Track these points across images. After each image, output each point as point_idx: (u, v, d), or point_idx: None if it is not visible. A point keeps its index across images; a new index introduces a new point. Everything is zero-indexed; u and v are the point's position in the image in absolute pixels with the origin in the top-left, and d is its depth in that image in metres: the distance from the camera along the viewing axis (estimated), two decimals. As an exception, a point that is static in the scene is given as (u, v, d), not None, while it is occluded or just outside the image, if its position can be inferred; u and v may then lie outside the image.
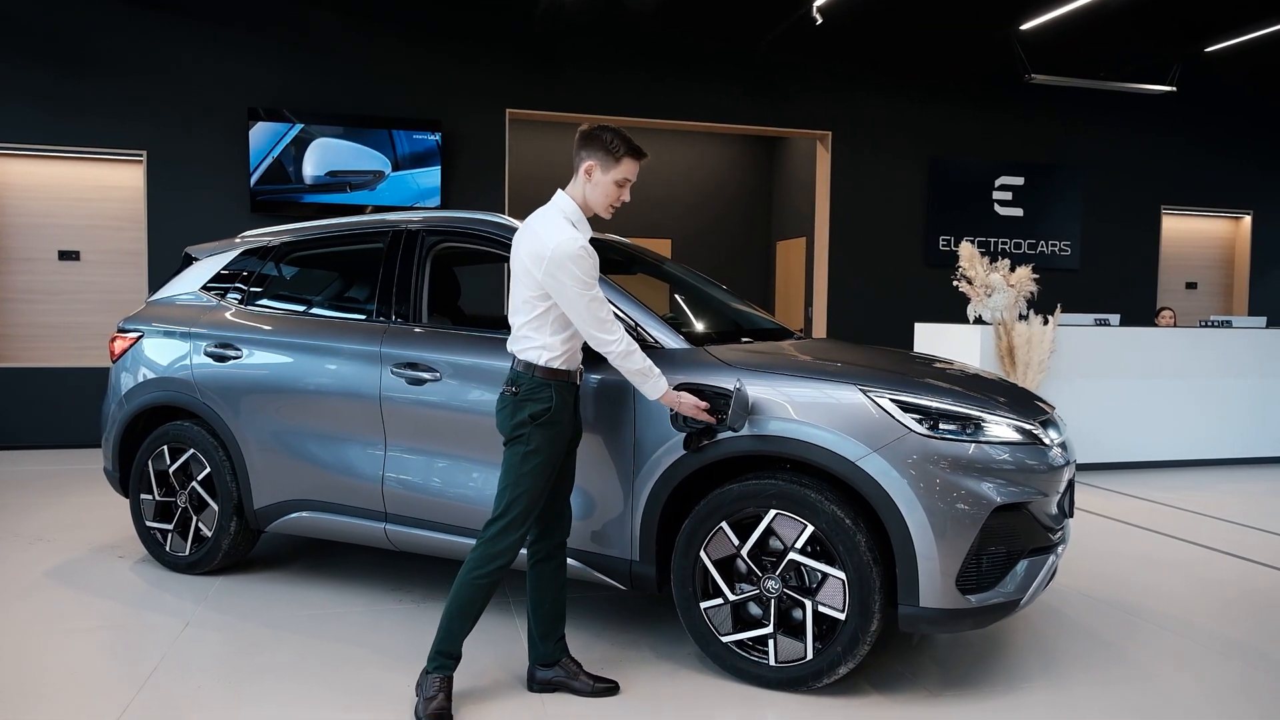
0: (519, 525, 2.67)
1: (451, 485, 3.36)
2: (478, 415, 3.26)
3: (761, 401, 2.90)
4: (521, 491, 2.65)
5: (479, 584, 2.66)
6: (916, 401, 2.84)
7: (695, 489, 3.09)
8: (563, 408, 2.70)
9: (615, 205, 2.73)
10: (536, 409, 2.66)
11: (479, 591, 2.67)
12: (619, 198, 2.72)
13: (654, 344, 3.15)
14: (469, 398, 3.32)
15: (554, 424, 2.68)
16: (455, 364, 3.36)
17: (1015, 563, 2.89)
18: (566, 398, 2.72)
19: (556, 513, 2.87)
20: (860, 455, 2.76)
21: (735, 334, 3.67)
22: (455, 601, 2.68)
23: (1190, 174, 10.47)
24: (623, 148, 2.68)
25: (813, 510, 2.80)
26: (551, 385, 2.68)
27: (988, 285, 6.87)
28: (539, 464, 2.66)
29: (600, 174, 2.68)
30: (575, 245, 2.55)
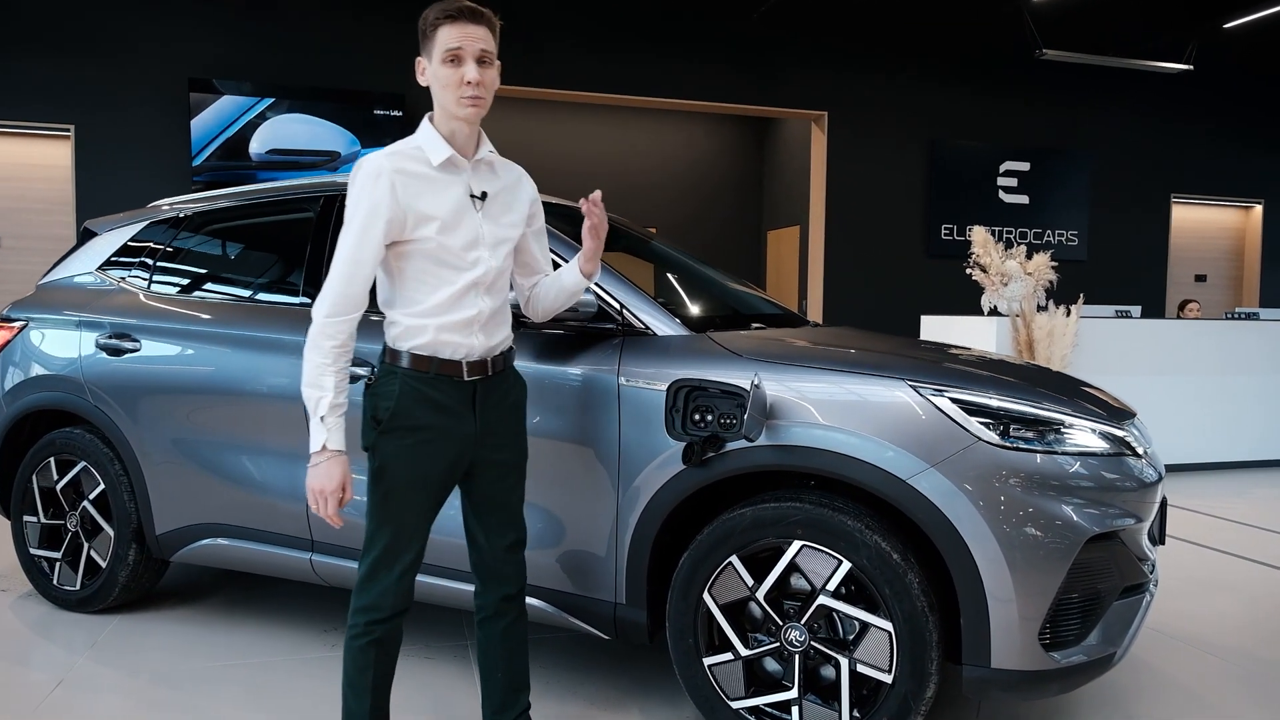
0: (384, 568, 1.95)
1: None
2: None
3: (782, 402, 2.26)
4: (378, 525, 1.95)
5: (356, 647, 1.97)
6: (984, 402, 2.21)
7: (697, 513, 2.45)
8: (419, 410, 1.93)
9: (470, 98, 1.91)
10: (379, 409, 1.95)
11: (360, 658, 1.97)
12: (462, 80, 1.90)
13: (644, 330, 2.50)
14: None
15: (405, 432, 1.93)
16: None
17: (1106, 607, 2.26)
18: (429, 397, 1.94)
19: (491, 558, 2.15)
20: (913, 471, 2.13)
21: (741, 320, 3.02)
22: (344, 674, 2.01)
23: (1201, 161, 9.97)
24: (432, 14, 1.91)
25: (850, 542, 2.17)
26: (396, 376, 1.95)
27: (1003, 273, 6.28)
28: (392, 489, 1.94)
29: (430, 65, 1.94)
30: (367, 163, 1.91)
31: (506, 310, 2.10)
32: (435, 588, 2.66)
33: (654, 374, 2.39)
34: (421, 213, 1.90)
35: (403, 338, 1.96)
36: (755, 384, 2.19)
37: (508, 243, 2.06)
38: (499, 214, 2.04)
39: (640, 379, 2.40)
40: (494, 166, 2.08)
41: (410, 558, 1.97)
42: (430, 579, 2.64)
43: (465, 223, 1.96)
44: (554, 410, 2.49)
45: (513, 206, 2.09)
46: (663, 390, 2.36)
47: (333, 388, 1.86)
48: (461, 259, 1.94)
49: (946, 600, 2.19)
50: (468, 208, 1.97)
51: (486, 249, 1.99)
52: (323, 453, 1.86)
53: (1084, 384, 2.73)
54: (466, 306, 1.96)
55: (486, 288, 2.00)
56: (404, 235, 1.90)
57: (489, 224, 2.01)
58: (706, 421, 2.30)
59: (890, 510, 2.25)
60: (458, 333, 1.96)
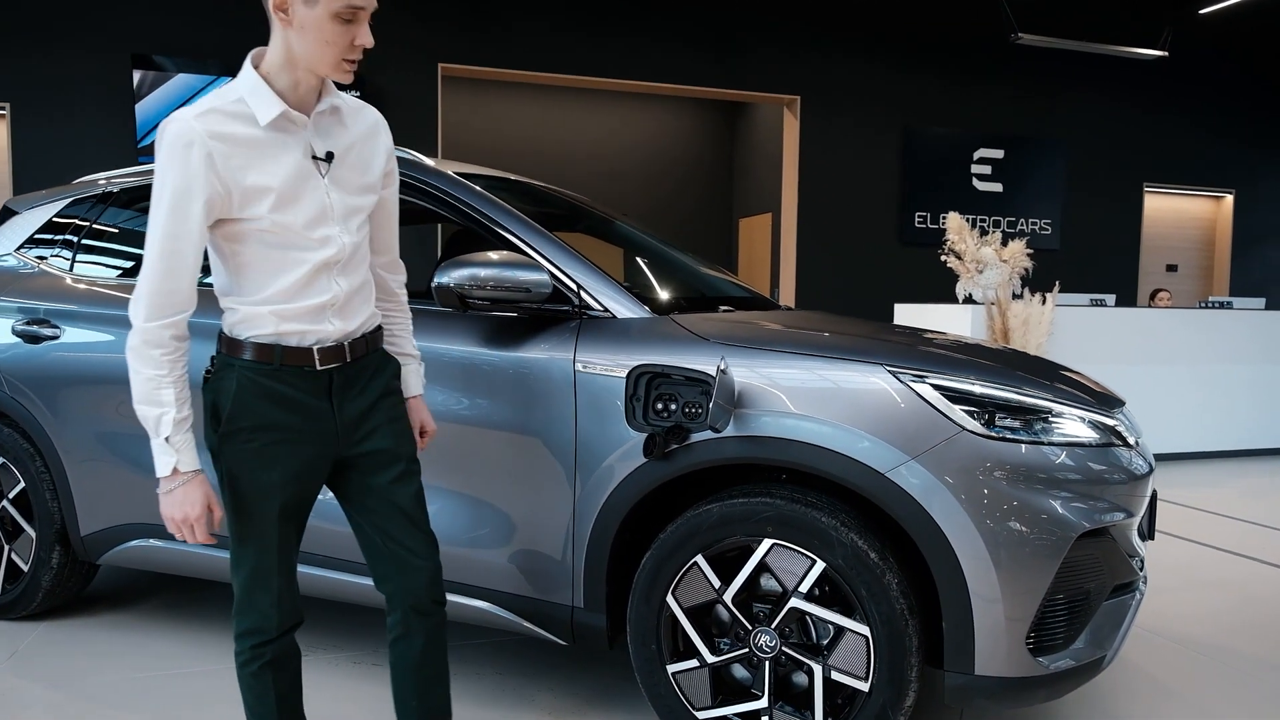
0: (260, 588, 1.68)
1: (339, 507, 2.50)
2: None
3: (752, 389, 2.09)
4: (240, 542, 1.67)
5: (249, 675, 1.73)
6: (968, 388, 2.05)
7: (661, 510, 2.28)
8: (263, 408, 1.62)
9: (353, 63, 1.59)
10: (219, 407, 1.63)
11: (256, 685, 1.72)
12: (353, 43, 1.57)
13: (602, 312, 2.32)
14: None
15: (249, 434, 1.62)
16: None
17: (1095, 608, 2.12)
18: (274, 392, 1.62)
19: (392, 567, 1.81)
20: (892, 464, 1.97)
21: (708, 303, 2.85)
22: (244, 706, 1.77)
23: (1174, 150, 9.94)
24: None
25: (824, 540, 2.01)
26: (234, 370, 1.63)
27: (979, 261, 6.16)
28: (244, 501, 1.65)
29: (309, 11, 1.53)
30: (172, 127, 1.50)
31: (369, 287, 1.77)
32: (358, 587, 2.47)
33: (613, 360, 2.21)
34: (249, 187, 1.54)
35: (241, 325, 1.63)
36: (722, 369, 2.01)
37: (362, 213, 1.71)
38: (350, 177, 1.68)
39: (598, 365, 2.22)
40: (341, 115, 1.67)
41: (283, 574, 1.70)
42: (350, 577, 2.44)
43: (307, 195, 1.60)
44: (504, 399, 2.30)
45: (368, 165, 1.72)
46: (622, 377, 2.18)
47: (174, 401, 1.53)
48: (305, 239, 1.60)
49: (928, 603, 2.04)
50: (309, 175, 1.61)
51: (337, 224, 1.64)
52: (174, 477, 1.56)
53: (1066, 369, 2.59)
54: (317, 292, 1.64)
55: (341, 268, 1.66)
56: (230, 214, 1.55)
57: (338, 192, 1.65)
58: (670, 411, 2.13)
59: (867, 506, 2.09)
60: (306, 320, 1.64)
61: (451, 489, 2.38)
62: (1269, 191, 10.35)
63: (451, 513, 2.37)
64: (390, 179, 1.83)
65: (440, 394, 2.34)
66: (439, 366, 2.35)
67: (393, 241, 1.89)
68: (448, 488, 2.38)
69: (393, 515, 1.79)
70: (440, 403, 2.34)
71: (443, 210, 2.55)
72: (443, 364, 2.35)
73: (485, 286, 2.21)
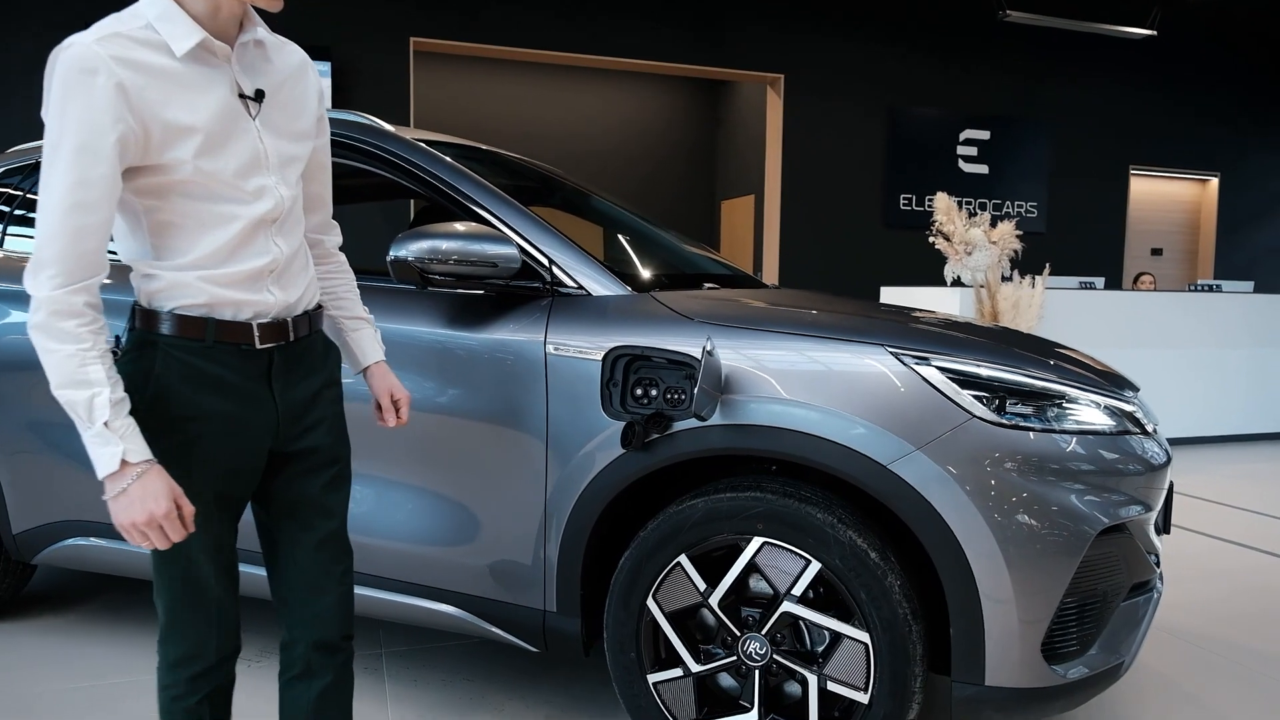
0: (192, 607, 1.45)
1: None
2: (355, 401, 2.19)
3: (740, 373, 1.90)
4: (164, 558, 1.42)
5: (182, 711, 1.48)
6: (977, 372, 1.87)
7: (640, 505, 2.09)
8: (191, 392, 1.38)
9: None
10: (133, 393, 1.33)
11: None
12: None
13: (576, 289, 2.12)
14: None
15: (174, 425, 1.37)
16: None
17: (1113, 610, 1.95)
18: (206, 374, 1.39)
19: (300, 588, 1.55)
20: (895, 455, 1.79)
21: (691, 280, 2.65)
22: None
23: (1161, 132, 9.82)
24: None
25: (819, 538, 1.83)
26: (155, 348, 1.38)
27: (967, 242, 6.00)
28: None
29: None
30: (67, 54, 1.25)
31: (306, 252, 1.54)
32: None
33: (588, 341, 2.02)
34: (170, 124, 1.29)
35: (163, 295, 1.37)
36: (708, 351, 1.82)
37: (298, 163, 1.48)
38: (283, 120, 1.45)
39: (572, 347, 2.03)
40: (266, 50, 1.44)
41: (220, 588, 1.48)
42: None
43: (237, 139, 1.37)
44: (468, 385, 2.10)
45: (301, 107, 1.50)
46: (598, 360, 1.99)
47: (105, 379, 1.26)
48: (237, 191, 1.37)
49: (933, 607, 1.86)
50: (238, 116, 1.37)
51: (273, 173, 1.42)
52: (124, 471, 1.25)
53: (1065, 348, 2.41)
54: (254, 254, 1.40)
55: (279, 227, 1.43)
56: (146, 160, 1.30)
57: (272, 137, 1.42)
58: (650, 397, 1.94)
59: (866, 501, 1.91)
60: (243, 288, 1.40)
61: (409, 483, 2.18)
62: (1255, 175, 10.27)
63: (409, 509, 2.18)
64: (322, 126, 1.59)
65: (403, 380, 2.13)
66: (394, 349, 2.15)
67: (327, 198, 1.67)
68: (404, 482, 2.18)
69: (316, 527, 1.55)
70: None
71: (402, 179, 2.35)
72: (399, 346, 2.15)
73: (447, 261, 2.01)
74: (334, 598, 1.57)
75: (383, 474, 2.19)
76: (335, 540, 1.58)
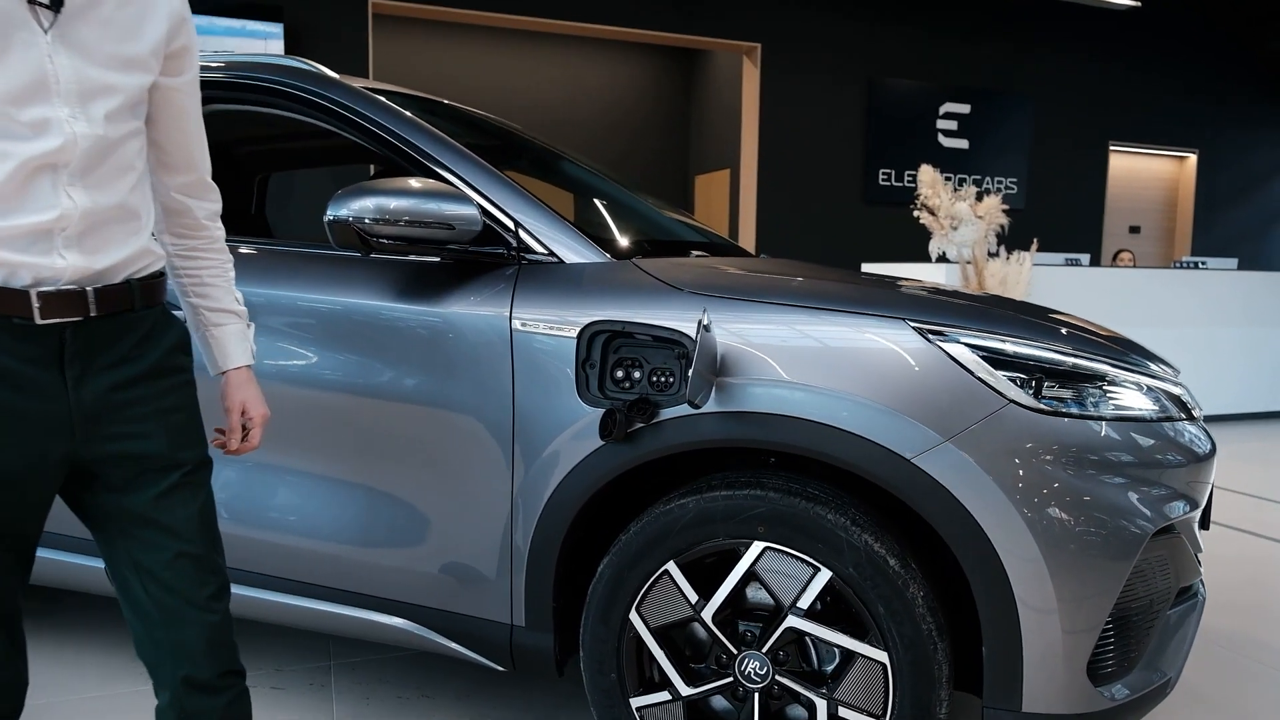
0: None
1: (225, 505, 2.00)
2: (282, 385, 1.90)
3: (739, 352, 1.63)
4: None
5: None
6: (1013, 349, 1.61)
7: (622, 504, 1.82)
8: None
9: None
10: None
11: None
12: None
13: (547, 256, 1.84)
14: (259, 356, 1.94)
15: None
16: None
17: (1160, 620, 1.72)
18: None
19: (158, 622, 1.27)
20: (921, 447, 1.53)
21: (677, 248, 2.38)
22: None
23: (1141, 107, 9.68)
24: None
25: (831, 543, 1.57)
26: None
27: (953, 217, 5.78)
28: None
29: None
30: None
31: (142, 214, 1.23)
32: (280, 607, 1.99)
33: (560, 315, 1.74)
34: None
35: None
36: (704, 326, 1.54)
37: (115, 96, 1.15)
38: (98, 40, 1.14)
39: (542, 322, 1.75)
40: None
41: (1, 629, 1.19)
42: (271, 596, 1.97)
43: (14, 54, 1.07)
44: (421, 366, 1.82)
45: (134, 29, 1.18)
46: (572, 337, 1.71)
47: None
48: (9, 122, 1.07)
49: (963, 622, 1.62)
50: (19, 23, 1.07)
51: (65, 103, 1.10)
52: None
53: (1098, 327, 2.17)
54: (33, 206, 1.09)
55: (75, 174, 1.12)
56: None
57: (72, 56, 1.11)
58: (633, 380, 1.67)
59: (883, 498, 1.65)
60: (17, 248, 1.09)
61: (353, 480, 1.90)
62: (1233, 151, 10.18)
63: (354, 509, 1.90)
64: (183, 64, 1.27)
65: (337, 360, 1.85)
66: (334, 324, 1.86)
67: (196, 155, 1.35)
68: (348, 479, 1.90)
69: (158, 545, 1.24)
70: (336, 371, 1.85)
71: (346, 131, 2.05)
72: (340, 321, 1.87)
73: (396, 222, 1.72)
74: (198, 629, 1.27)
75: (318, 469, 1.91)
76: (190, 561, 1.26)
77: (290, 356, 1.90)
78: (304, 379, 1.88)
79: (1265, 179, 10.39)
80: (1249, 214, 10.37)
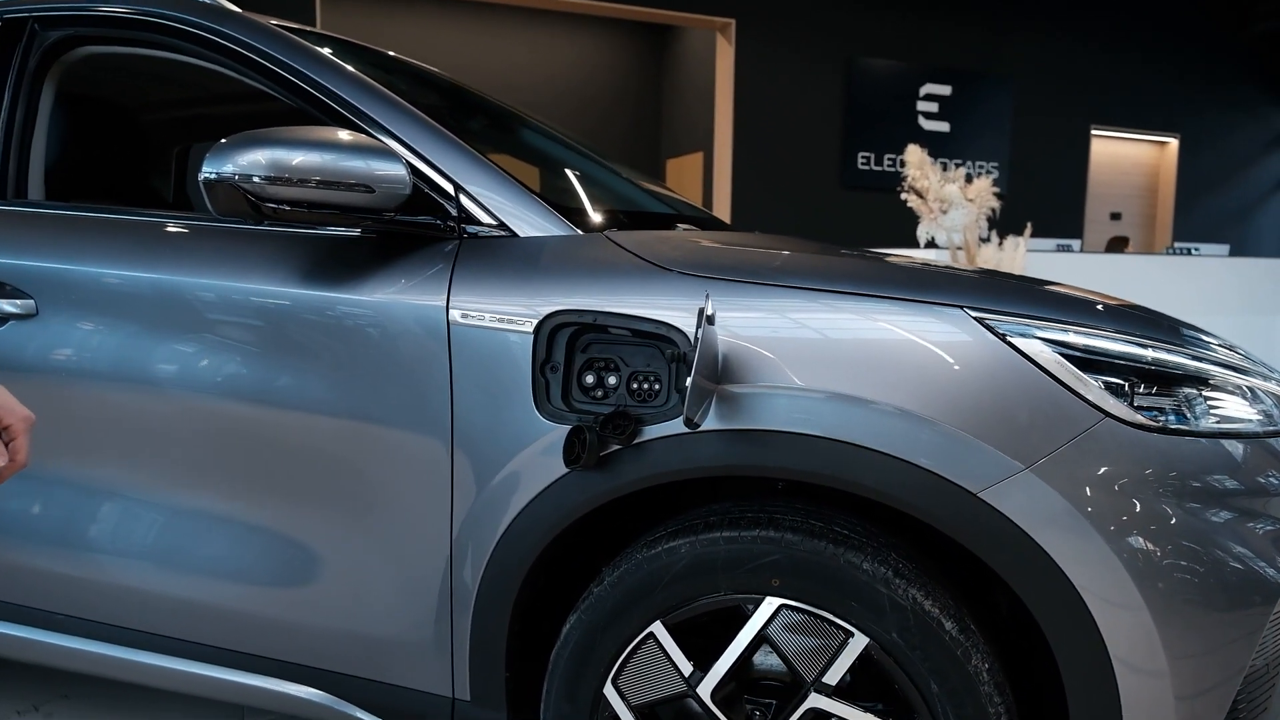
0: None
1: (96, 540, 1.58)
2: (141, 391, 1.49)
3: (745, 352, 1.24)
4: None
5: None
6: (1104, 345, 1.24)
7: (594, 543, 1.43)
8: None
9: None
10: None
11: None
12: None
13: (495, 229, 1.43)
14: (111, 353, 1.52)
15: None
16: (77, 282, 1.55)
17: (1275, 683, 1.37)
18: None
19: None
20: (993, 477, 1.16)
21: (656, 222, 1.98)
22: None
23: (1123, 90, 9.42)
24: None
25: (867, 600, 1.20)
26: None
27: (943, 200, 5.45)
28: None
29: None
30: None
31: None
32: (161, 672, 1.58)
33: (513, 302, 1.34)
34: None
35: None
36: (707, 316, 1.15)
37: None
38: None
39: (488, 312, 1.35)
40: None
41: None
42: (144, 658, 1.57)
43: None
44: (327, 368, 1.41)
45: None
46: (529, 332, 1.31)
47: None
48: None
49: (1045, 701, 1.25)
50: None
51: None
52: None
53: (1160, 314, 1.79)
54: None
55: None
56: None
57: None
58: (607, 388, 1.29)
59: (933, 541, 1.28)
60: None
61: (242, 515, 1.49)
62: (1214, 136, 9.98)
63: (245, 551, 1.49)
64: None
65: (218, 361, 1.44)
66: (214, 315, 1.45)
67: None
68: (236, 513, 1.49)
69: None
70: (217, 375, 1.44)
71: (246, 73, 1.63)
72: (221, 311, 1.45)
73: (297, 182, 1.31)
74: None
75: (196, 498, 1.50)
76: None
77: (157, 357, 1.48)
78: (174, 384, 1.47)
79: (1246, 164, 10.21)
80: (1230, 200, 10.19)
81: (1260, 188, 10.34)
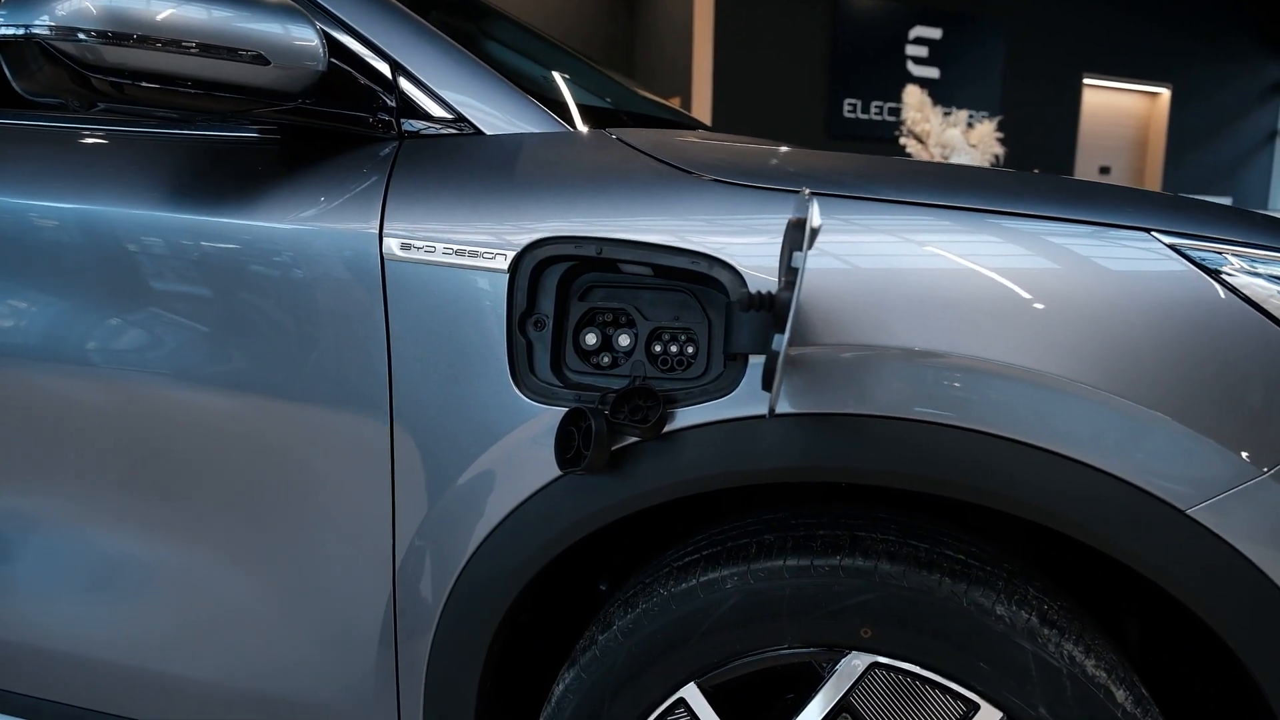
0: None
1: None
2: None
3: (829, 303, 0.83)
4: None
5: None
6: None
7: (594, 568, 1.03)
8: None
9: None
10: None
11: None
12: None
13: (451, 123, 1.00)
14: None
15: None
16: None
17: None
18: None
19: None
20: (1213, 488, 0.76)
21: (662, 122, 1.54)
22: None
23: (1115, 37, 9.07)
24: None
25: (1003, 659, 0.81)
26: None
27: (944, 144, 5.08)
28: None
29: None
30: None
31: None
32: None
33: (478, 228, 0.91)
34: None
35: None
36: (811, 229, 0.72)
37: None
38: None
39: (441, 241, 0.92)
40: None
41: None
42: None
43: None
44: (211, 323, 0.97)
45: None
46: (502, 270, 0.89)
47: None
48: None
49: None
50: None
51: None
52: None
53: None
54: None
55: None
56: None
57: None
58: (618, 353, 0.87)
59: (1103, 575, 0.89)
60: None
61: (105, 528, 1.06)
62: (1207, 86, 9.68)
63: (110, 579, 1.07)
64: None
65: (55, 319, 1.00)
66: (36, 249, 1.01)
67: None
68: (98, 528, 1.06)
69: None
70: (53, 333, 1.00)
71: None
72: (50, 247, 1.01)
73: (149, 43, 0.87)
74: None
75: (39, 515, 1.07)
76: None
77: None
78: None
79: (1237, 116, 9.94)
80: (1221, 153, 9.92)
81: (1251, 140, 10.09)
